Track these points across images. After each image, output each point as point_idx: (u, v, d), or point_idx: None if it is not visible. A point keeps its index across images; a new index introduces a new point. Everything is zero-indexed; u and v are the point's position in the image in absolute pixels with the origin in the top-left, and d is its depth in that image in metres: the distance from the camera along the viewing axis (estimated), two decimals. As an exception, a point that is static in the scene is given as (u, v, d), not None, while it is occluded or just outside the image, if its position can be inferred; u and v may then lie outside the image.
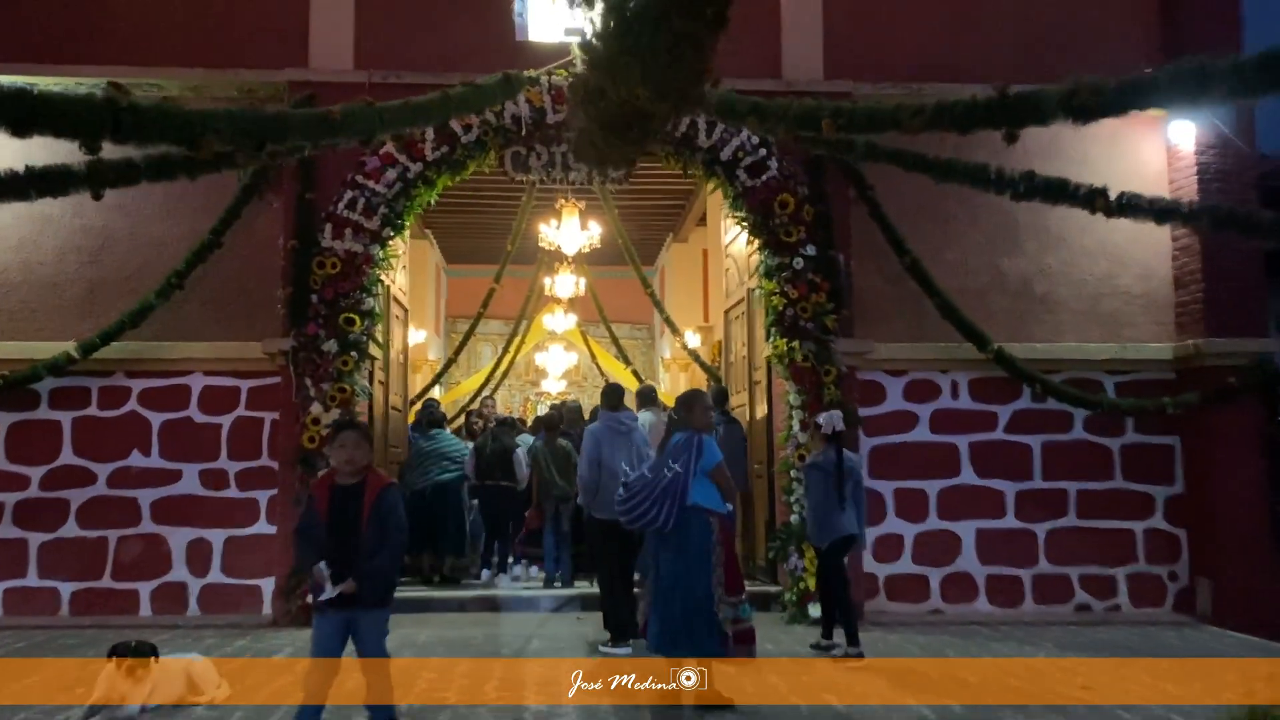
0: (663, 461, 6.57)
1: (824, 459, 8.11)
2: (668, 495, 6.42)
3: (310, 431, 9.22)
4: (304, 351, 9.31)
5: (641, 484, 6.59)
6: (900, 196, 9.93)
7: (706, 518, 6.39)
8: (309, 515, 5.11)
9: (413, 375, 23.38)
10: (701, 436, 6.49)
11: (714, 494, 6.44)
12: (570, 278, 18.97)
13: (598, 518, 8.34)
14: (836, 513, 7.96)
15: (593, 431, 8.49)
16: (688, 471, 6.42)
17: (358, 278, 9.38)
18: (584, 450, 8.50)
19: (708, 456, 6.42)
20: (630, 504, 6.59)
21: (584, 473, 8.39)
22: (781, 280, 9.53)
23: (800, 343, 9.45)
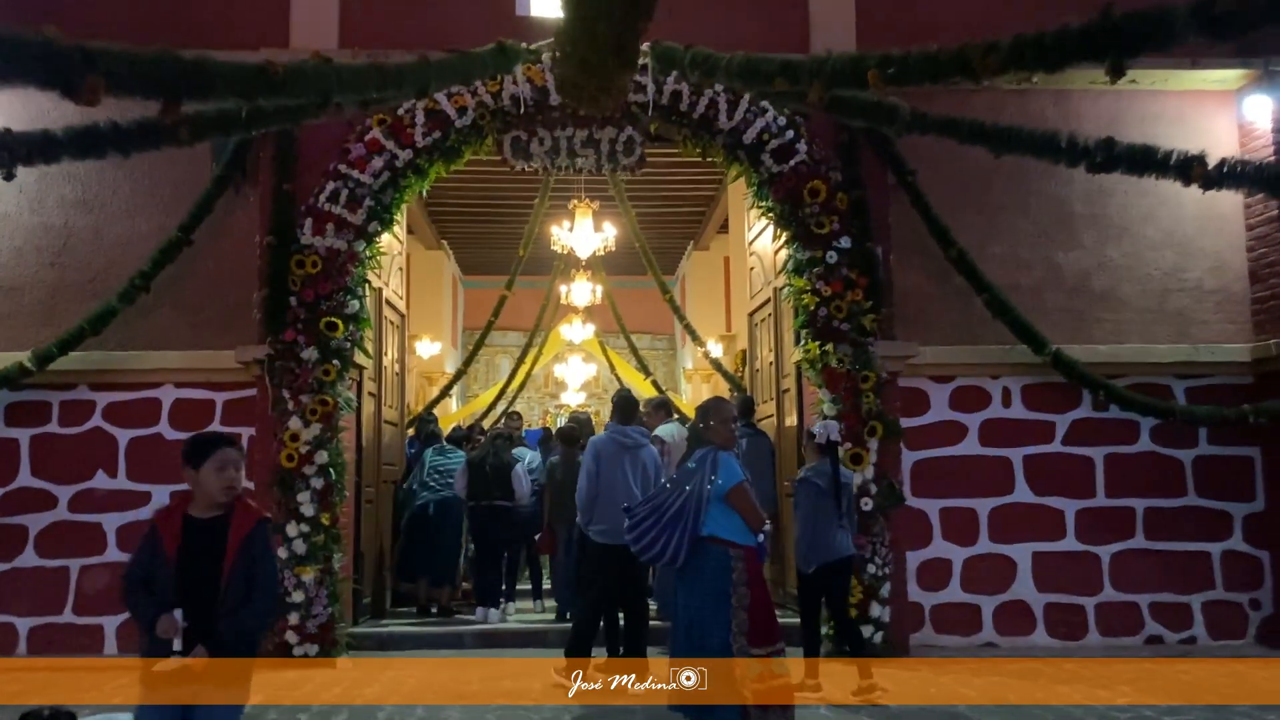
0: (675, 483, 5.38)
1: (817, 473, 6.97)
2: (676, 523, 5.24)
3: (289, 449, 8.05)
4: (281, 360, 8.15)
5: (648, 509, 5.40)
6: (942, 185, 8.71)
7: (725, 551, 5.19)
8: (148, 556, 3.82)
9: (429, 389, 22.33)
10: (718, 453, 5.29)
11: (734, 523, 5.23)
12: (586, 285, 17.81)
13: (597, 540, 7.27)
14: (833, 531, 6.81)
15: (595, 444, 7.43)
16: (700, 495, 5.22)
17: (340, 278, 8.22)
18: (583, 463, 7.44)
19: (724, 477, 5.21)
20: (636, 532, 5.40)
21: (581, 487, 7.34)
22: (813, 277, 8.31)
23: (834, 346, 8.22)
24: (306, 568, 7.96)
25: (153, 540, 3.82)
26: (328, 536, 8.05)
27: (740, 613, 5.11)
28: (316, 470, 8.05)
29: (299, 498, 8.01)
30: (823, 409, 8.26)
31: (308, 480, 8.03)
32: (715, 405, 5.56)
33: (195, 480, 3.87)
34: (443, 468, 9.78)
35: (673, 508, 5.27)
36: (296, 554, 7.97)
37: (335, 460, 8.13)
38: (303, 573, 7.95)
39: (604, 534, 7.16)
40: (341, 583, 8.23)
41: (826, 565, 6.86)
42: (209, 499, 3.84)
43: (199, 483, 3.86)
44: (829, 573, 6.88)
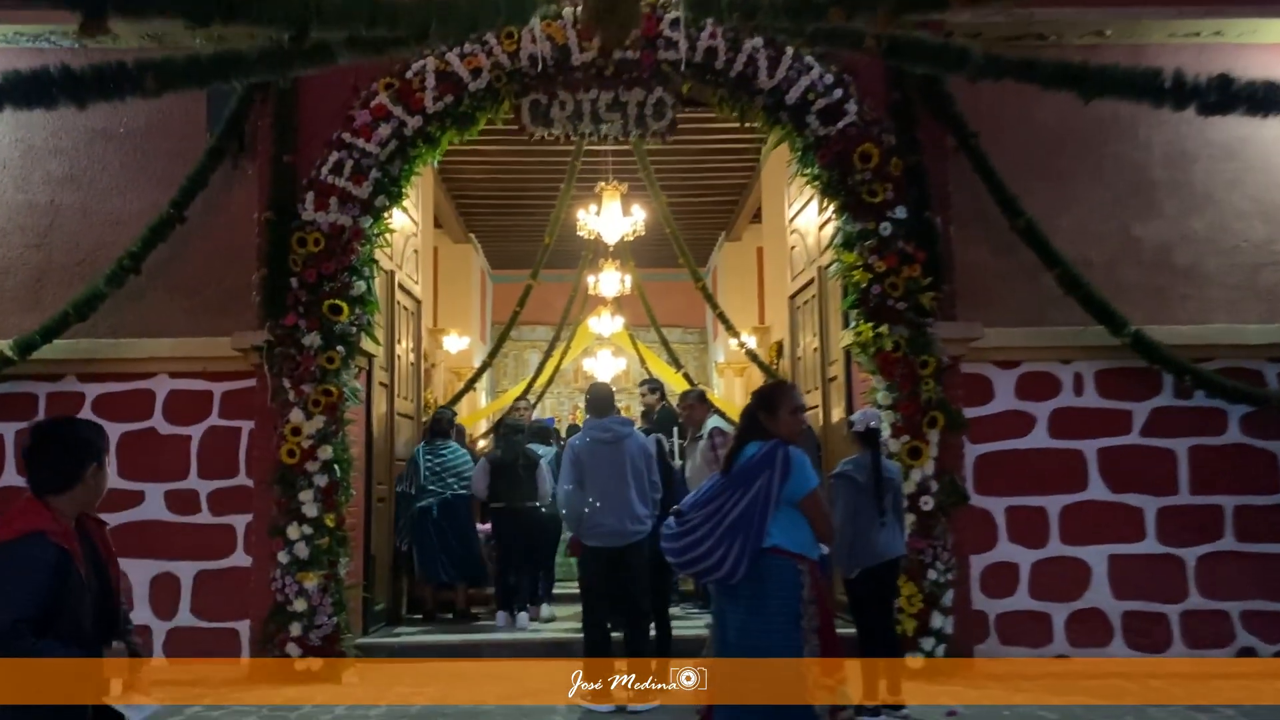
0: (732, 483, 4.44)
1: (856, 466, 6.06)
2: (737, 533, 4.29)
3: (290, 444, 7.19)
4: (281, 347, 7.28)
5: (701, 515, 4.45)
6: (1006, 150, 7.72)
7: (792, 566, 4.26)
8: (56, 590, 2.82)
9: (458, 384, 21.49)
10: (788, 449, 4.34)
11: (803, 533, 4.30)
12: (615, 275, 16.89)
13: (590, 545, 6.54)
14: (875, 530, 5.90)
15: (573, 450, 6.58)
16: (768, 500, 4.29)
17: (345, 256, 7.34)
18: (562, 470, 6.64)
19: (797, 479, 4.27)
20: (684, 542, 4.46)
21: (563, 499, 6.57)
22: (864, 251, 7.35)
23: (889, 327, 7.25)
24: (309, 573, 7.09)
25: (64, 569, 2.88)
26: (333, 539, 7.18)
27: (811, 637, 4.20)
28: (320, 467, 7.18)
29: (301, 497, 7.14)
30: (875, 398, 7.30)
31: (310, 478, 7.16)
32: (780, 391, 4.60)
33: (97, 477, 2.97)
34: (438, 467, 8.88)
35: (732, 513, 4.33)
36: (298, 558, 7.11)
37: (341, 456, 7.26)
38: (305, 579, 7.08)
39: (598, 537, 6.45)
40: (349, 590, 7.36)
41: (870, 569, 5.94)
42: (95, 498, 2.99)
43: (98, 480, 3.00)
44: (873, 577, 5.95)
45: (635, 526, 6.47)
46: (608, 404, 6.71)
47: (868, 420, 6.10)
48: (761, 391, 4.73)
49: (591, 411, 6.72)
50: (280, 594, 7.14)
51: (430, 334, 20.29)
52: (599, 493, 6.42)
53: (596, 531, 6.42)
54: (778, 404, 4.45)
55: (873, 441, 6.10)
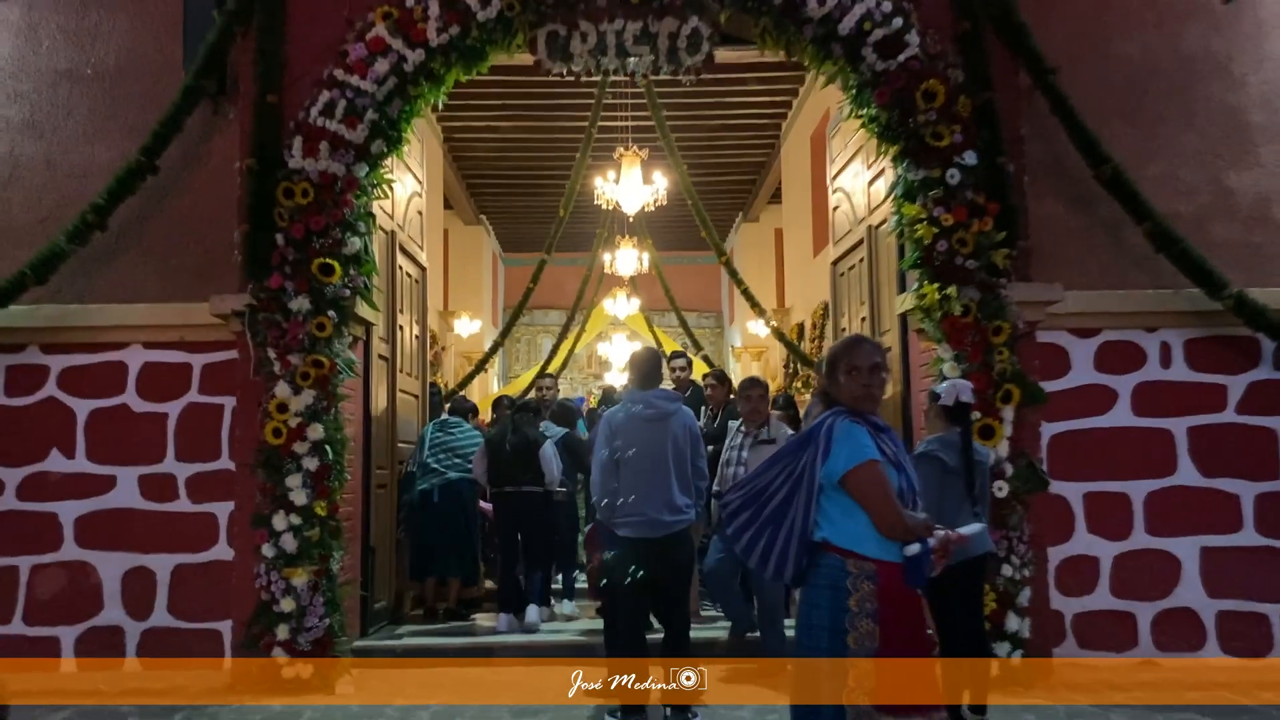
0: (779, 461, 3.44)
1: (943, 446, 5.02)
2: (780, 522, 3.35)
3: (275, 421, 6.17)
4: (266, 312, 6.25)
5: (742, 495, 3.47)
6: (1084, 91, 6.65)
7: (840, 565, 3.24)
8: None
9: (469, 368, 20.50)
10: (835, 420, 3.33)
11: (859, 523, 3.27)
12: (632, 253, 15.82)
13: (623, 536, 5.48)
14: (965, 521, 4.77)
15: (609, 419, 5.57)
16: (811, 482, 3.28)
17: (337, 210, 6.31)
18: (595, 446, 5.64)
19: (840, 454, 3.26)
20: (733, 526, 3.49)
21: (596, 479, 5.54)
22: (929, 202, 6.28)
23: (958, 289, 6.20)
24: (297, 569, 6.08)
25: None
26: (324, 530, 6.16)
27: (861, 662, 3.17)
28: (309, 448, 6.16)
29: (288, 482, 6.13)
30: (941, 369, 6.24)
31: (299, 460, 6.14)
32: (848, 347, 3.55)
33: None
34: (447, 445, 7.84)
35: (775, 498, 3.34)
36: (285, 552, 6.10)
37: (333, 435, 6.23)
38: (293, 576, 6.07)
39: (633, 527, 5.43)
40: (343, 587, 6.32)
41: (955, 566, 4.88)
42: None
43: None
44: (961, 575, 4.89)
45: (673, 517, 5.45)
46: (653, 373, 5.67)
47: (957, 392, 5.06)
48: (829, 351, 3.70)
49: (635, 381, 5.69)
50: (265, 592, 6.12)
51: (441, 317, 19.30)
52: (633, 476, 5.40)
53: (630, 520, 5.40)
54: (834, 363, 3.42)
55: (963, 417, 5.07)
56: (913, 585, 3.34)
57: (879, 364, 3.46)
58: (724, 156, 19.00)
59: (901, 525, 3.28)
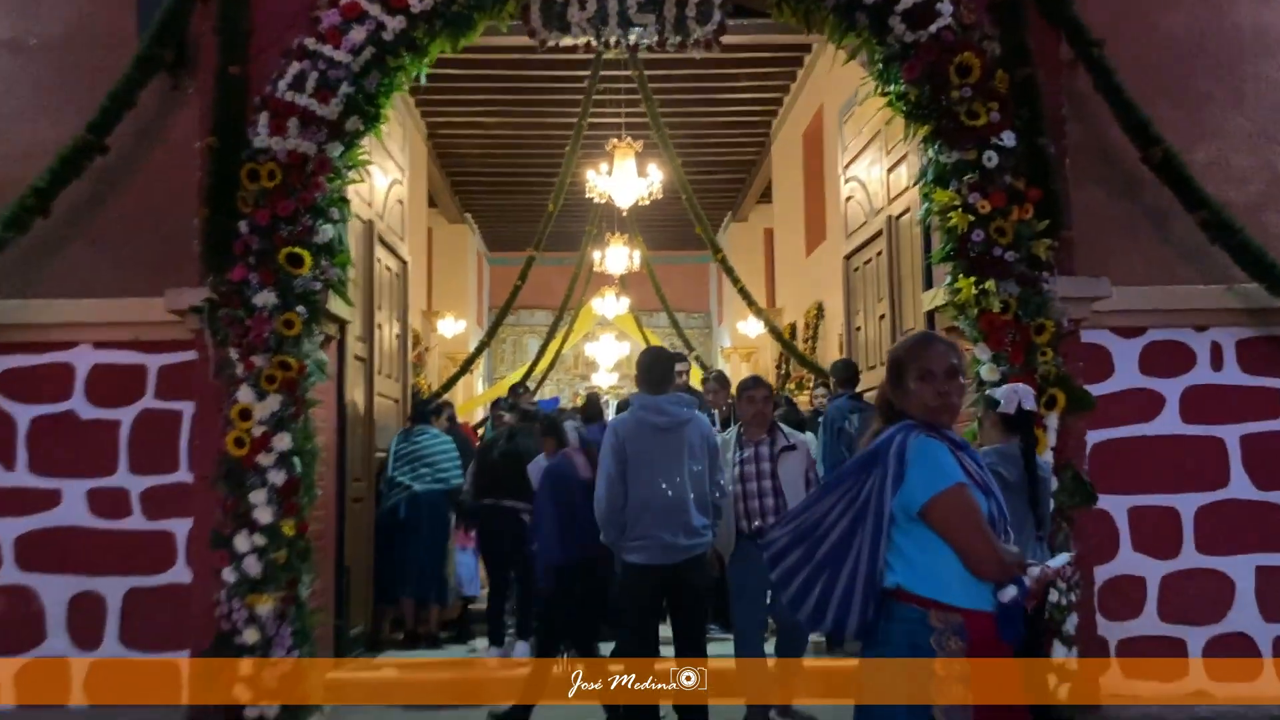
0: (834, 488, 2.74)
1: (1002, 458, 4.29)
2: (840, 563, 2.65)
3: (237, 430, 5.40)
4: (227, 307, 5.49)
5: (790, 533, 2.78)
6: (1125, 67, 5.93)
7: (920, 619, 2.56)
8: None
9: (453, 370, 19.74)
10: (908, 434, 2.65)
11: (943, 564, 2.58)
12: (623, 251, 15.11)
13: (633, 562, 4.80)
14: (1028, 545, 4.07)
15: (616, 428, 4.90)
16: (879, 514, 2.60)
17: (308, 194, 5.54)
18: (601, 458, 4.92)
19: (915, 479, 2.60)
20: (780, 571, 2.77)
21: (601, 495, 4.84)
22: (964, 187, 5.58)
23: (996, 283, 5.50)
24: (262, 596, 5.30)
25: None
26: (292, 552, 5.39)
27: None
28: (276, 459, 5.39)
29: (252, 498, 5.35)
30: (979, 371, 5.54)
31: (264, 473, 5.38)
32: (910, 348, 2.85)
33: None
34: (413, 455, 7.09)
35: (831, 534, 2.65)
36: (248, 577, 5.32)
37: (303, 445, 5.47)
38: (257, 603, 5.30)
39: (643, 552, 4.77)
40: (313, 615, 5.56)
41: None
42: None
43: None
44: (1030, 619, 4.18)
45: (690, 540, 4.77)
46: (665, 375, 4.98)
47: (1019, 398, 4.37)
48: (891, 352, 3.00)
49: (643, 384, 4.98)
50: (226, 621, 5.35)
51: (425, 317, 18.54)
52: (644, 493, 4.70)
53: (640, 545, 4.69)
54: (900, 366, 2.73)
55: (1025, 426, 4.38)
56: (1009, 639, 2.64)
57: (956, 366, 2.77)
58: (713, 155, 18.34)
59: (998, 563, 2.58)
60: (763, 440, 5.58)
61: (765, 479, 5.46)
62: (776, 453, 5.53)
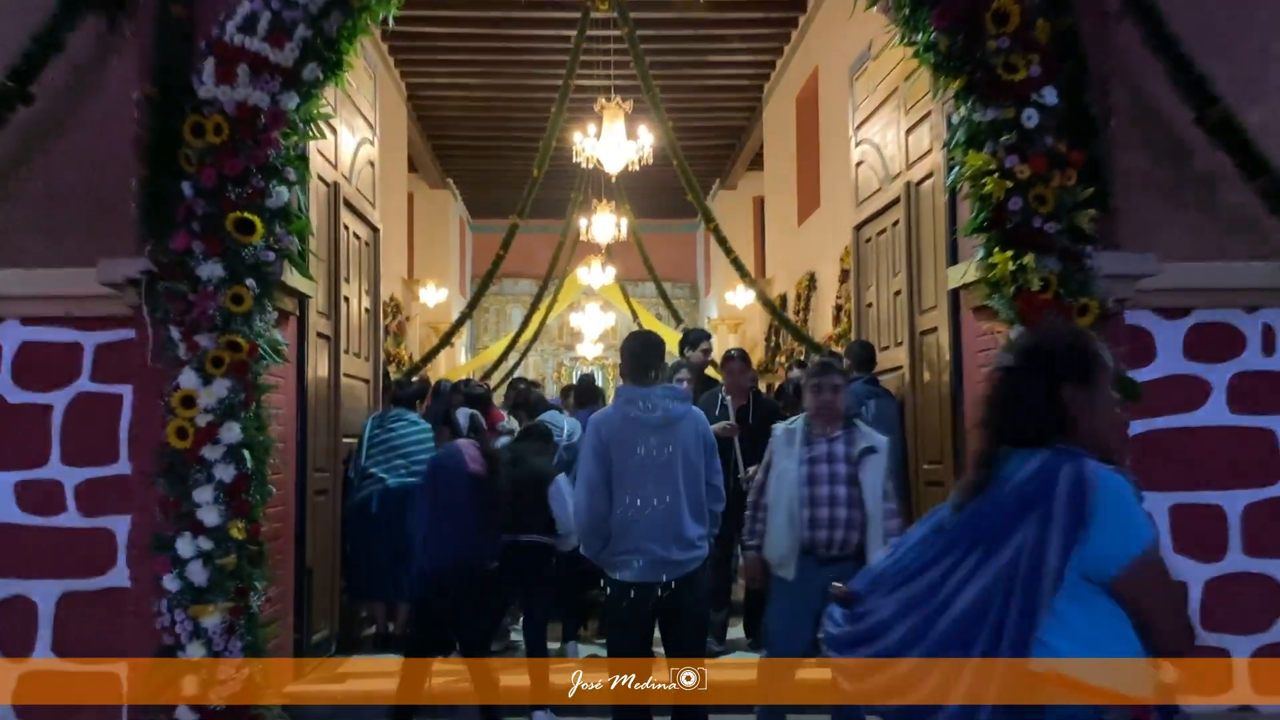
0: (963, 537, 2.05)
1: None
2: (969, 639, 1.96)
3: (180, 420, 4.69)
4: (168, 280, 4.77)
5: (894, 602, 2.07)
6: (1173, 20, 5.27)
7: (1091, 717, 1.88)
8: None
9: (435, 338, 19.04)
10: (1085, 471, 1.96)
11: (1121, 640, 1.91)
12: (609, 218, 14.39)
13: (621, 580, 4.12)
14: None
15: (598, 426, 4.18)
16: (1037, 574, 1.91)
17: (260, 151, 4.80)
18: (581, 461, 4.28)
19: (1113, 532, 1.93)
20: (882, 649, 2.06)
21: (582, 504, 4.15)
22: (1000, 150, 4.90)
23: (1035, 258, 4.83)
24: (208, 607, 4.63)
25: None
26: (242, 557, 4.72)
27: None
28: (223, 453, 4.69)
29: (196, 496, 4.66)
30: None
31: (210, 469, 4.69)
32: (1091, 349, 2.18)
33: None
34: (388, 444, 6.38)
35: (955, 603, 1.97)
36: (193, 585, 4.64)
37: (254, 437, 4.77)
38: (202, 615, 4.62)
39: (631, 568, 4.11)
40: (266, 627, 4.89)
41: None
42: None
43: None
44: None
45: (686, 554, 4.13)
46: (653, 362, 4.30)
47: None
48: (1051, 334, 2.31)
49: (629, 374, 4.30)
50: (168, 634, 4.68)
51: (406, 285, 17.82)
52: (633, 501, 4.04)
53: (628, 560, 4.04)
54: (1097, 364, 2.07)
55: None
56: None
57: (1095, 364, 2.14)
58: (702, 120, 17.62)
59: (1191, 638, 1.95)
60: (837, 437, 4.63)
61: (841, 484, 4.51)
62: (857, 455, 4.59)
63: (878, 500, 4.47)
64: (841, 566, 4.25)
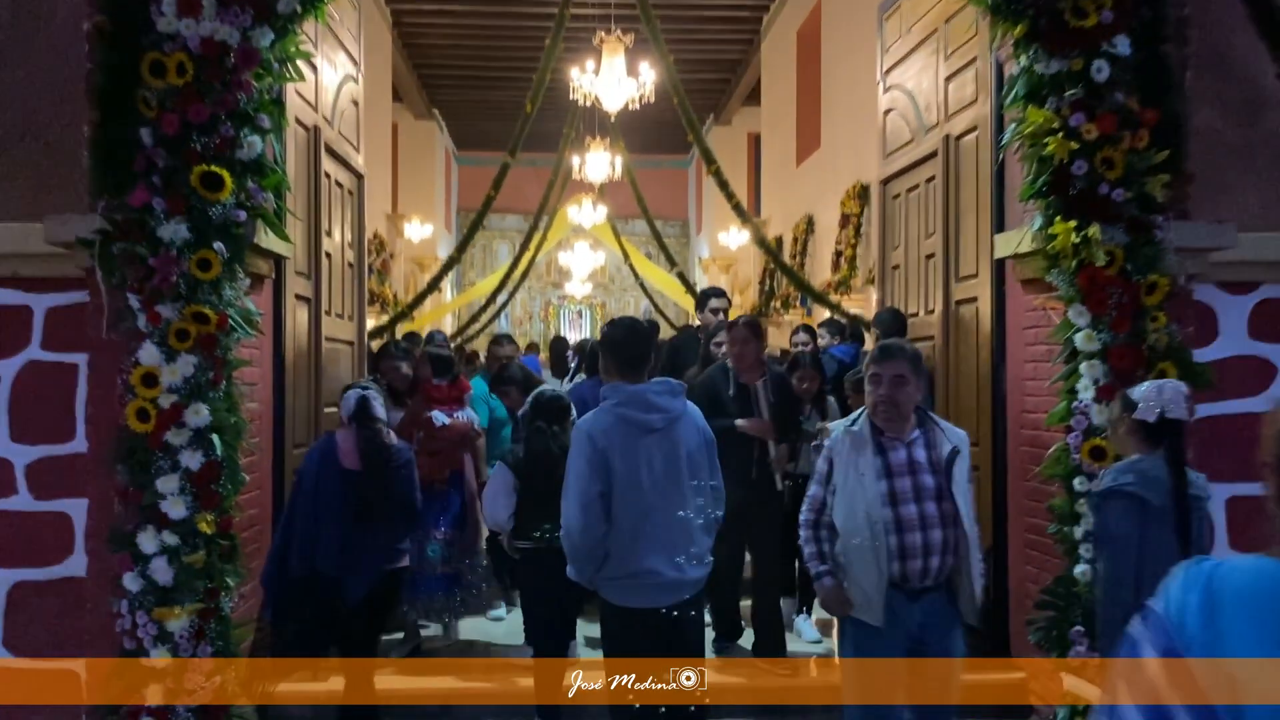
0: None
1: (1142, 479, 3.24)
2: None
3: (140, 400, 4.12)
4: (124, 241, 4.15)
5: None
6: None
7: None
8: None
9: (419, 276, 18.40)
10: None
11: None
12: (604, 157, 13.69)
13: (622, 606, 3.59)
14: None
15: (592, 434, 3.56)
16: None
17: (229, 95, 4.16)
18: (572, 474, 3.58)
19: None
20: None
21: (575, 524, 3.53)
22: (1065, 106, 4.31)
23: (1101, 228, 4.28)
24: (174, 609, 4.10)
25: None
26: (212, 553, 4.18)
27: None
28: (190, 438, 4.13)
29: (160, 486, 4.11)
30: (1075, 339, 4.35)
31: (175, 456, 4.13)
32: None
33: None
34: None
35: None
36: (157, 585, 4.11)
37: (225, 420, 4.21)
38: (167, 618, 4.10)
39: (636, 592, 3.59)
40: (240, 629, 4.38)
41: None
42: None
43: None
44: None
45: (697, 571, 3.64)
46: (644, 353, 3.74)
47: (1164, 404, 3.24)
48: None
49: (615, 369, 3.73)
50: (129, 638, 4.16)
51: (389, 220, 17.12)
52: (637, 516, 3.52)
53: (633, 582, 3.54)
54: None
55: (1173, 437, 3.25)
56: None
57: None
58: (695, 53, 16.89)
59: None
60: (915, 440, 3.66)
61: (930, 500, 3.57)
62: (944, 460, 3.63)
63: (972, 514, 3.61)
64: (932, 599, 3.56)
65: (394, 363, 5.75)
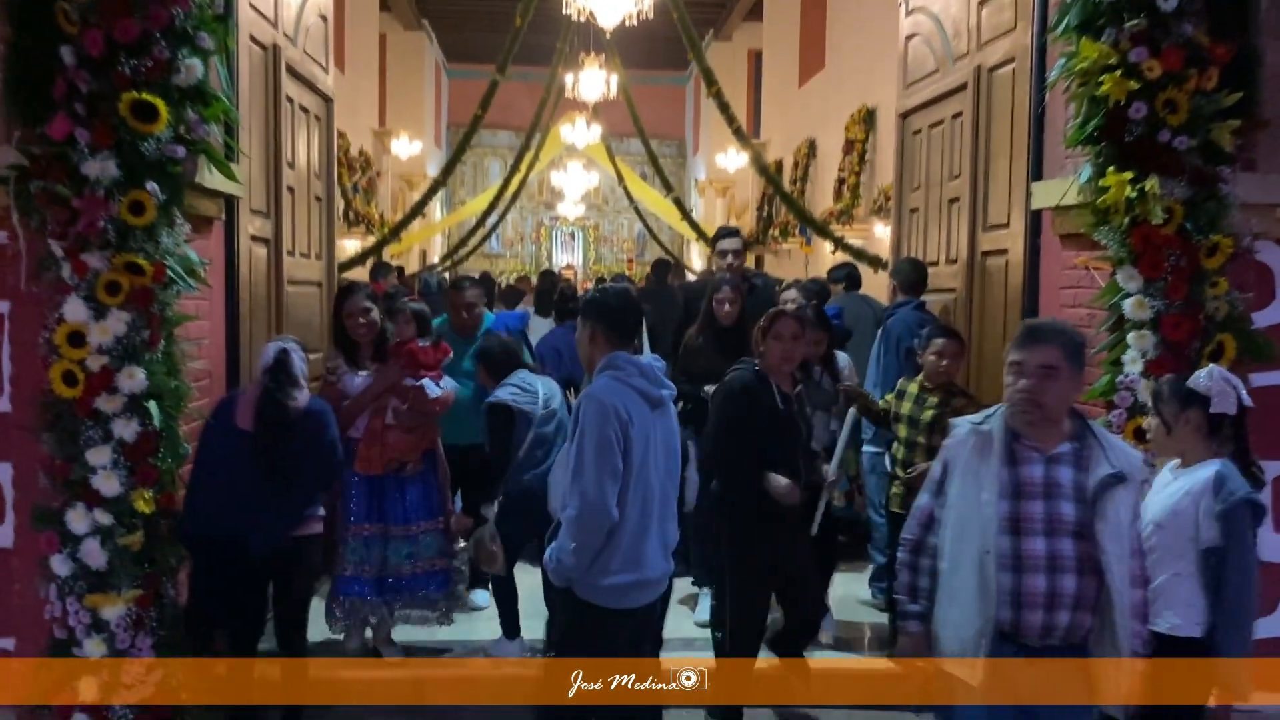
0: None
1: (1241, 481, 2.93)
2: None
3: (66, 362, 3.58)
4: (44, 179, 3.57)
5: None
6: None
7: None
8: None
9: (408, 193, 17.72)
10: None
11: None
12: (598, 74, 12.95)
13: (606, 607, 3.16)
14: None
15: (613, 402, 3.05)
16: None
17: (163, 9, 3.55)
18: (591, 444, 3.05)
19: None
20: None
21: (593, 502, 3.06)
22: (1125, 39, 3.72)
23: (1160, 180, 3.72)
24: (109, 596, 3.62)
25: None
26: (151, 534, 3.69)
27: None
28: (124, 405, 3.61)
29: (91, 459, 3.60)
30: (1123, 305, 3.82)
31: (107, 425, 3.61)
32: None
33: None
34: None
35: None
36: (89, 569, 3.63)
37: (164, 384, 3.68)
38: (102, 605, 3.62)
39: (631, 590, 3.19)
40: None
41: None
42: None
43: None
44: None
45: (670, 568, 3.34)
46: (637, 325, 3.36)
47: (1237, 389, 2.88)
48: None
49: (611, 337, 3.23)
50: (59, 627, 3.69)
51: (376, 136, 16.38)
52: (638, 499, 3.08)
53: (621, 581, 3.09)
54: None
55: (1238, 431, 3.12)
56: None
57: None
58: (698, -36, 16.01)
59: None
60: (1062, 455, 2.76)
61: (1066, 536, 2.70)
62: (1096, 486, 2.71)
63: (1125, 561, 2.70)
64: (1056, 666, 2.74)
65: (358, 303, 4.53)
